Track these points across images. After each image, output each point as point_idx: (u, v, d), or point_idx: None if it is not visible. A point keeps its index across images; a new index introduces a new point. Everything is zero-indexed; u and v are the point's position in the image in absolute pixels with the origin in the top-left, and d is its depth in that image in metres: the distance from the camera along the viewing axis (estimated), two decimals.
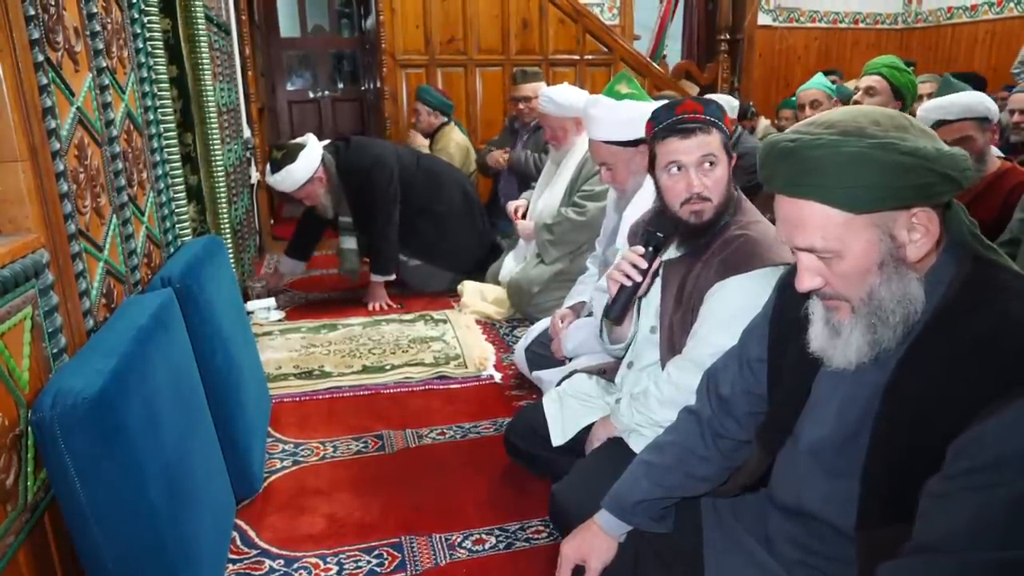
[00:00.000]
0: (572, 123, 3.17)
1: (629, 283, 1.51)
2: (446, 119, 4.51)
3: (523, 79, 4.10)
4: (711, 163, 1.49)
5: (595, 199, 3.02)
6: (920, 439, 0.86)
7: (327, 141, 3.52)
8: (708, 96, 1.63)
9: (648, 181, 1.84)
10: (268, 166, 3.35)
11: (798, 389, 1.06)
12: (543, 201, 3.30)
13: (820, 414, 1.02)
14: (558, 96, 3.16)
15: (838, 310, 0.94)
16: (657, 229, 1.52)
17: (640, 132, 1.83)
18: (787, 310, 1.09)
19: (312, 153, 3.32)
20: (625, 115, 2.01)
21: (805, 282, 0.93)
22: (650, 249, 1.52)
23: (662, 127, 1.51)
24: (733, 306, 1.46)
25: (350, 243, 3.60)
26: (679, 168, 1.50)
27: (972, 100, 2.48)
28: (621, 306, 1.53)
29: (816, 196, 0.87)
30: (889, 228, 0.87)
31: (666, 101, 1.60)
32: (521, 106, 4.09)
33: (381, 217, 3.47)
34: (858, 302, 0.91)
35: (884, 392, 0.91)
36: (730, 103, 4.10)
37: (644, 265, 1.50)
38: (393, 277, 3.60)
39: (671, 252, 1.59)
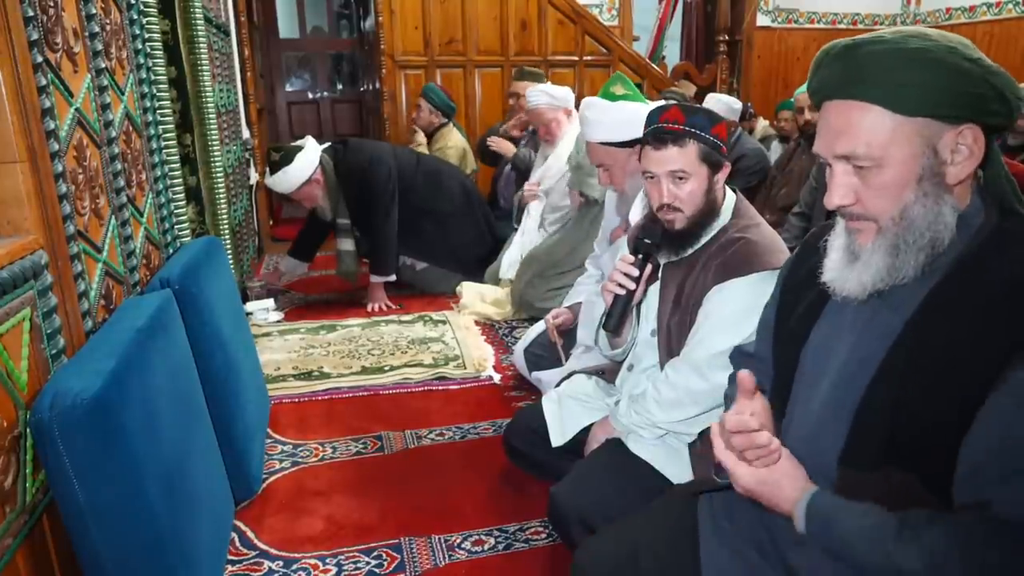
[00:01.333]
0: (563, 113, 3.45)
1: (623, 292, 1.51)
2: (446, 120, 4.51)
3: (519, 76, 4.15)
4: (680, 178, 1.48)
5: None
6: (937, 384, 0.84)
7: (326, 144, 3.53)
8: (696, 105, 1.59)
9: None
10: (267, 168, 3.37)
11: (796, 340, 1.06)
12: (545, 184, 3.48)
13: (825, 364, 1.01)
14: (550, 89, 3.50)
15: (861, 232, 0.92)
16: (645, 236, 1.52)
17: (635, 133, 1.82)
18: (801, 264, 1.08)
19: (309, 155, 3.33)
20: (619, 116, 2.01)
21: (835, 198, 0.91)
22: (640, 256, 1.51)
23: (646, 132, 1.52)
24: (732, 309, 1.46)
25: (347, 245, 3.59)
26: (652, 176, 1.51)
27: None
28: (618, 316, 1.53)
29: (870, 95, 0.86)
30: (934, 142, 0.86)
31: (662, 102, 1.60)
32: (511, 102, 4.15)
33: (379, 216, 3.46)
34: (887, 221, 0.89)
35: (900, 333, 0.90)
36: (731, 106, 4.10)
37: (635, 273, 1.50)
38: (393, 278, 3.59)
39: (664, 257, 1.59)
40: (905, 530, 0.83)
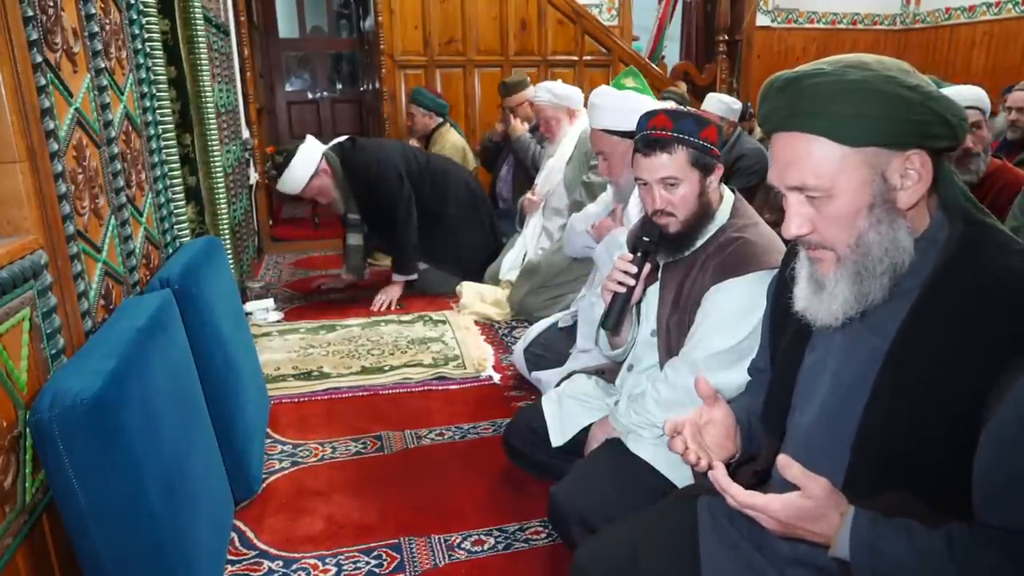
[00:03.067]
0: (565, 113, 3.46)
1: (623, 290, 1.51)
2: (441, 120, 4.51)
3: (507, 91, 4.17)
4: (671, 184, 1.49)
5: None
6: (927, 401, 0.85)
7: (333, 142, 3.53)
8: (684, 110, 1.58)
9: None
10: (276, 174, 3.39)
11: (792, 365, 1.06)
12: (545, 188, 3.49)
13: (814, 387, 1.02)
14: (554, 87, 3.49)
15: (822, 262, 0.93)
16: (644, 234, 1.53)
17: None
18: (785, 285, 1.09)
19: (310, 149, 3.35)
20: (623, 105, 2.01)
21: (792, 228, 0.92)
22: (639, 254, 1.52)
23: (636, 139, 1.53)
24: (729, 308, 1.47)
25: (356, 240, 3.62)
26: (644, 183, 1.52)
27: (979, 92, 2.65)
28: (616, 314, 1.53)
29: (814, 128, 0.87)
30: (883, 169, 0.87)
31: (650, 108, 1.61)
32: (508, 113, 4.17)
33: (401, 219, 3.46)
34: (844, 249, 0.90)
35: (886, 355, 0.90)
36: (731, 106, 4.11)
37: (634, 271, 1.51)
38: (415, 277, 3.59)
39: (663, 258, 1.59)
40: (957, 547, 0.82)
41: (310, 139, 3.42)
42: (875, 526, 0.85)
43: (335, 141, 3.54)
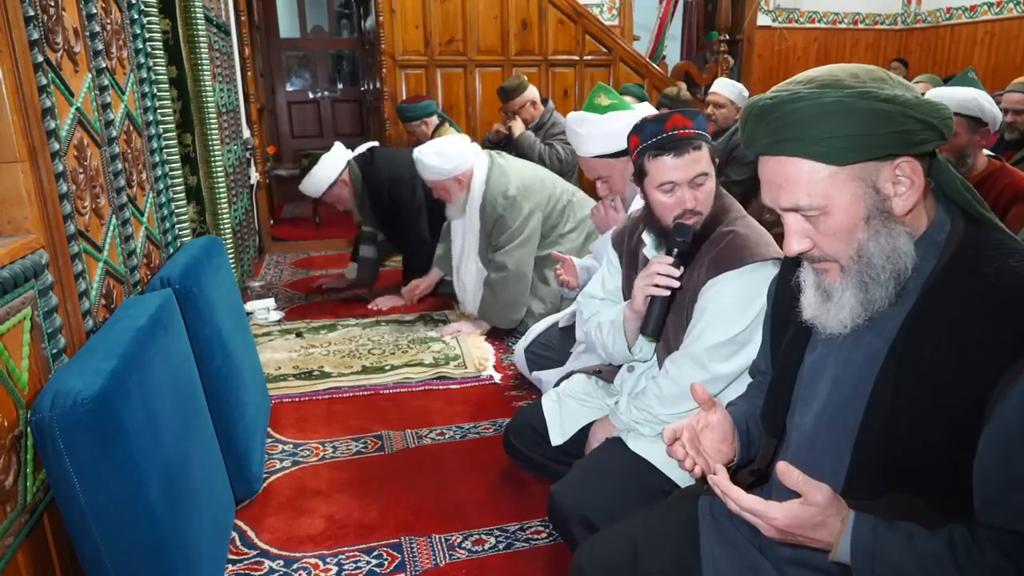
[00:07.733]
0: (452, 182, 3.00)
1: (666, 293, 1.48)
2: (438, 119, 4.47)
3: (507, 96, 4.17)
4: (700, 182, 1.50)
5: (508, 250, 3.01)
6: (927, 403, 0.85)
7: (358, 151, 3.52)
8: (693, 109, 1.59)
9: None
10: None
11: (792, 365, 1.06)
12: (464, 265, 3.26)
13: (815, 387, 1.02)
14: (432, 161, 2.95)
15: (828, 272, 0.94)
16: (678, 235, 1.50)
17: None
18: (786, 287, 1.10)
19: (334, 157, 3.37)
20: (612, 127, 2.00)
21: (793, 246, 0.93)
22: (676, 253, 1.49)
23: (652, 143, 1.49)
24: (727, 301, 1.48)
25: (369, 252, 3.66)
26: (672, 186, 1.50)
27: (965, 96, 2.43)
28: (658, 318, 1.50)
29: (798, 151, 0.88)
30: (873, 180, 0.87)
31: (648, 114, 1.60)
32: (510, 115, 4.18)
33: (409, 227, 3.48)
34: (847, 260, 0.91)
35: (886, 356, 0.91)
36: (741, 92, 4.13)
37: (677, 272, 1.48)
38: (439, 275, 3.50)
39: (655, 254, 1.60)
40: (958, 550, 0.82)
41: (337, 146, 3.44)
42: (876, 531, 0.85)
43: (361, 149, 3.52)
